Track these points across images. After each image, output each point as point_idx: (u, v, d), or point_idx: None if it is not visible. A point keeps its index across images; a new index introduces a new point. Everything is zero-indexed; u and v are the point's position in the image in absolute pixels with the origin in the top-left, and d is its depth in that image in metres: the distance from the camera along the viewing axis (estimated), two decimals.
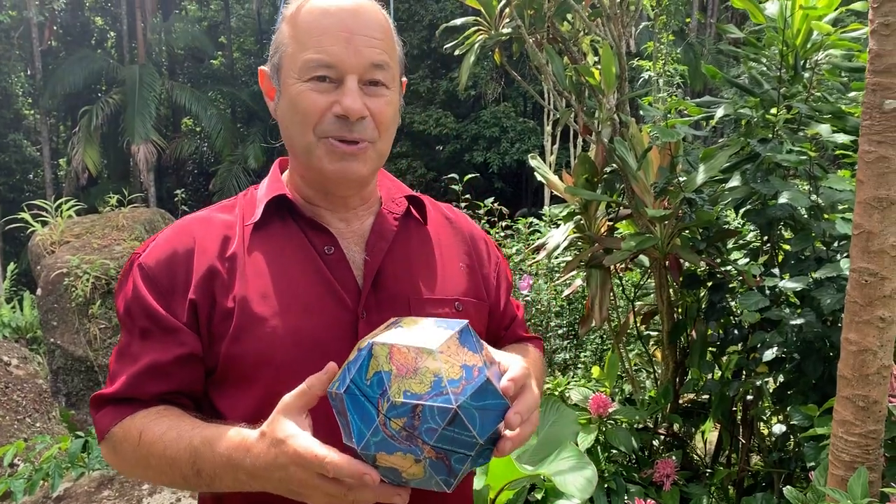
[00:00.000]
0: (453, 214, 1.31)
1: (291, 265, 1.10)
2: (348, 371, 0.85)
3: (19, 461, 3.47)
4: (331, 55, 1.04)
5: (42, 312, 6.37)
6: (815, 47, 2.56)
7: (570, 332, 4.24)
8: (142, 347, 1.07)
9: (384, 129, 1.11)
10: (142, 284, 1.08)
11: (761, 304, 2.29)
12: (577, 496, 1.41)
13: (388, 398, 0.81)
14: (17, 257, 15.12)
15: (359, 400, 0.83)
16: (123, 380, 1.07)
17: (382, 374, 0.82)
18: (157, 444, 0.99)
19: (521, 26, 2.68)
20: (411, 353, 0.83)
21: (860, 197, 1.47)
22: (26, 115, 22.59)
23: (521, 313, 1.40)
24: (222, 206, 1.20)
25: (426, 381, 0.82)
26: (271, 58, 1.13)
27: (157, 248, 1.11)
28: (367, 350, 0.84)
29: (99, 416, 1.09)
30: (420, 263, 1.18)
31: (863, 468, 1.49)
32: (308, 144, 1.08)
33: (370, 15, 1.09)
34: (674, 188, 2.53)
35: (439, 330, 0.88)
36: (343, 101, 1.05)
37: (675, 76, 4.94)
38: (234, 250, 1.10)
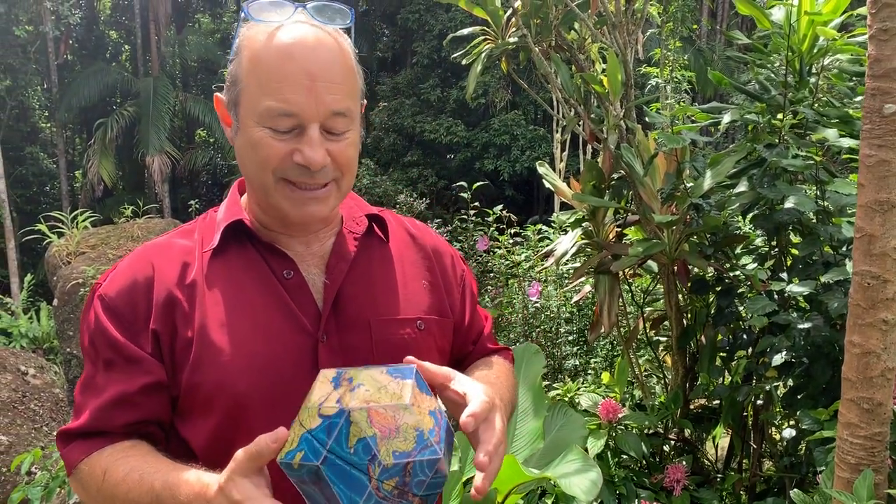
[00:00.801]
0: (416, 230, 1.29)
1: (250, 291, 1.09)
2: (316, 440, 0.82)
3: (36, 469, 3.51)
4: (292, 104, 1.01)
5: (58, 323, 6.44)
6: (821, 52, 2.57)
7: (580, 338, 4.25)
8: (106, 379, 1.06)
9: (346, 169, 1.08)
10: (103, 316, 1.07)
11: (769, 309, 2.29)
12: (582, 498, 1.42)
13: (380, 462, 0.82)
14: (35, 268, 15.27)
15: (342, 469, 0.82)
16: (89, 413, 1.05)
17: (368, 440, 0.81)
18: (120, 485, 0.98)
19: (528, 35, 2.71)
20: (389, 413, 0.83)
21: (861, 200, 1.48)
22: (43, 128, 22.85)
23: (489, 325, 1.38)
24: (182, 230, 1.18)
25: (410, 437, 0.83)
26: (228, 89, 1.09)
27: (116, 279, 1.09)
28: (344, 417, 0.82)
29: (67, 450, 1.07)
30: (381, 283, 1.17)
31: (868, 470, 1.50)
32: (265, 184, 1.06)
33: (331, 56, 1.04)
34: (681, 194, 2.54)
35: (397, 380, 0.88)
36: (304, 151, 1.02)
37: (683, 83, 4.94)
38: (192, 277, 1.09)
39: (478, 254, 4.77)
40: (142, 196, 16.08)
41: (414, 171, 18.86)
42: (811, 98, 2.57)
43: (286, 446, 0.85)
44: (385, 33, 22.02)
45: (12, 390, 4.73)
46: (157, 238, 1.18)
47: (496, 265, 4.69)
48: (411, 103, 19.43)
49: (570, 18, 2.79)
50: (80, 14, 20.42)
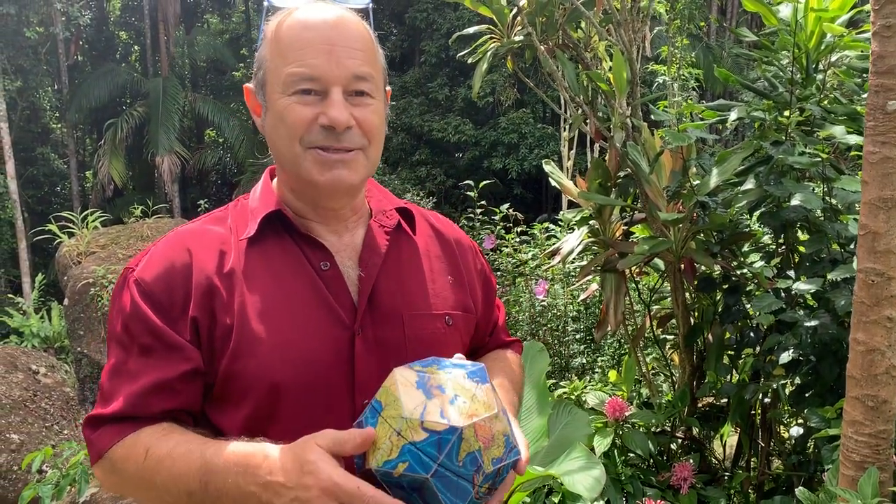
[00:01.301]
0: (439, 223, 1.31)
1: (288, 282, 1.09)
2: (423, 454, 0.86)
3: (47, 467, 3.54)
4: (313, 68, 1.04)
5: (69, 322, 6.49)
6: (828, 49, 2.56)
7: (587, 336, 4.25)
8: (142, 364, 1.05)
9: (372, 136, 1.10)
10: (140, 301, 1.06)
11: (776, 307, 2.29)
12: (585, 495, 1.43)
13: (483, 471, 0.89)
14: (46, 268, 15.37)
15: (451, 480, 0.87)
16: (123, 398, 1.04)
17: (475, 453, 0.88)
18: (164, 460, 0.98)
19: (533, 34, 2.71)
20: (487, 424, 0.90)
21: (865, 198, 1.48)
22: (53, 128, 22.99)
23: (502, 315, 1.40)
24: (213, 217, 1.18)
25: (501, 443, 0.91)
26: (255, 74, 1.12)
27: (152, 263, 1.09)
28: (457, 435, 0.86)
29: (96, 435, 1.06)
30: (411, 278, 1.18)
31: (873, 468, 1.49)
32: (295, 156, 1.08)
33: (351, 27, 1.08)
34: (687, 192, 2.53)
35: (478, 385, 0.93)
36: (329, 111, 1.05)
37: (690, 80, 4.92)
38: (230, 266, 1.09)
39: (484, 252, 4.77)
40: (152, 196, 16.15)
41: (422, 170, 18.86)
42: (818, 95, 2.56)
43: (379, 454, 0.88)
44: (393, 32, 22.02)
45: (24, 389, 4.76)
46: (188, 224, 1.18)
47: (503, 264, 4.69)
48: (419, 102, 19.43)
49: (575, 16, 2.79)
50: (90, 15, 20.51)
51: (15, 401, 4.60)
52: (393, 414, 0.88)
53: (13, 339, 9.23)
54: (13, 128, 18.26)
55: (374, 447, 0.89)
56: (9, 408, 4.49)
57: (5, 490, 4.12)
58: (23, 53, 18.67)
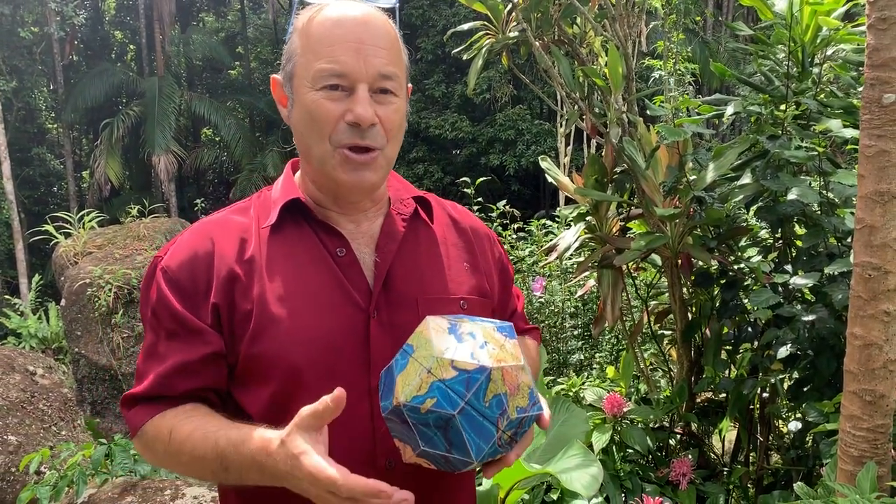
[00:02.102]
0: (457, 213, 1.35)
1: (306, 267, 1.14)
2: (451, 391, 0.89)
3: (45, 468, 3.53)
4: (342, 65, 1.08)
5: (66, 323, 6.47)
6: (824, 42, 2.55)
7: (585, 332, 4.24)
8: (168, 347, 1.12)
9: (392, 135, 1.15)
10: (166, 288, 1.12)
11: (773, 301, 2.28)
12: (582, 493, 1.42)
13: (507, 416, 0.91)
14: (43, 269, 15.34)
15: (476, 420, 0.89)
16: (152, 378, 1.11)
17: (501, 396, 0.90)
18: (185, 443, 1.04)
19: (528, 29, 2.70)
20: (514, 372, 0.92)
21: (862, 192, 1.47)
22: (49, 129, 22.94)
23: (521, 304, 1.44)
24: (238, 208, 1.24)
25: (525, 394, 0.94)
26: (284, 66, 1.16)
27: (178, 252, 1.15)
28: (486, 375, 0.89)
29: (131, 413, 1.14)
30: (427, 263, 1.22)
31: (871, 463, 1.49)
32: (324, 154, 1.12)
33: (379, 26, 1.13)
34: (683, 187, 2.53)
35: (507, 339, 0.96)
36: (355, 108, 1.09)
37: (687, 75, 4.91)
38: (251, 253, 1.14)
39: None
40: (148, 195, 16.13)
41: (420, 167, 18.85)
42: (814, 89, 2.56)
43: (408, 390, 0.91)
44: None
45: (21, 390, 4.75)
46: (214, 214, 1.23)
47: None
48: (416, 99, 19.40)
49: (570, 12, 2.78)
50: (84, 14, 20.44)
51: (12, 402, 4.59)
52: (424, 354, 0.92)
53: (11, 341, 9.22)
54: (9, 128, 18.23)
55: (403, 384, 0.91)
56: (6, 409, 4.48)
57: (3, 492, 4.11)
58: (18, 53, 18.63)
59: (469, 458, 0.90)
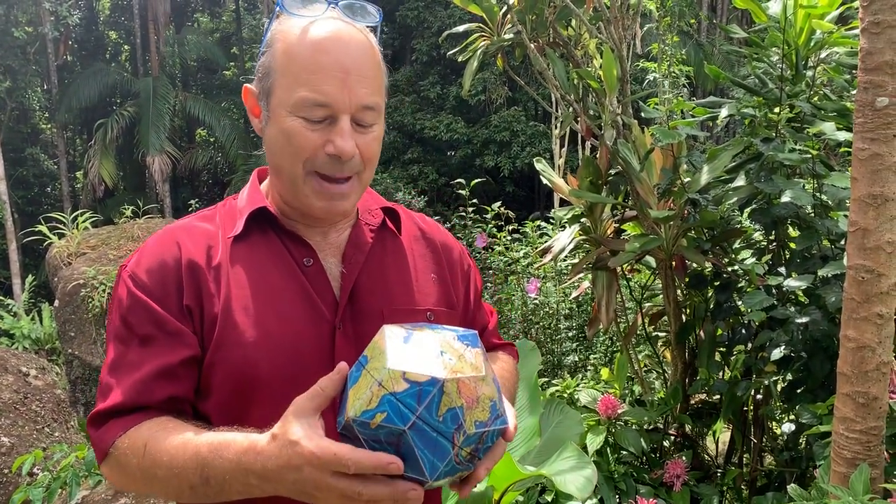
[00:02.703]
0: (426, 225, 1.33)
1: (272, 277, 1.12)
2: (402, 405, 0.84)
3: (38, 470, 3.52)
4: (326, 95, 1.05)
5: (60, 324, 6.45)
6: (818, 46, 2.56)
7: (580, 334, 4.25)
8: (143, 354, 1.07)
9: (369, 162, 1.13)
10: (138, 293, 1.09)
11: (767, 303, 2.29)
12: (576, 495, 1.42)
13: (464, 431, 0.85)
14: (36, 269, 15.28)
15: (429, 435, 0.84)
16: (127, 388, 1.06)
17: (456, 410, 0.85)
18: (162, 455, 0.99)
19: (523, 31, 2.70)
20: (472, 384, 0.86)
21: (855, 194, 1.48)
22: (43, 129, 22.86)
23: (493, 320, 1.41)
24: (203, 215, 1.21)
25: (486, 407, 0.87)
26: (260, 80, 1.12)
27: (144, 258, 1.12)
28: (438, 387, 0.84)
29: (100, 432, 1.06)
30: (394, 275, 1.21)
31: (864, 465, 1.49)
32: (296, 177, 1.10)
33: (363, 51, 1.09)
34: (678, 189, 2.54)
35: (468, 348, 0.91)
36: (336, 141, 1.06)
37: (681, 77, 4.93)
38: (217, 261, 1.12)
39: (476, 251, 4.77)
40: (142, 196, 16.09)
41: (414, 169, 18.84)
42: (808, 91, 2.57)
43: (359, 404, 0.86)
44: (384, 31, 21.82)
45: (14, 391, 4.73)
46: (178, 221, 1.21)
47: (495, 262, 4.69)
48: (411, 100, 19.39)
49: (565, 14, 2.78)
50: (79, 15, 20.41)
51: (5, 403, 4.57)
52: (377, 365, 0.87)
53: (4, 341, 9.18)
54: (2, 128, 18.18)
55: (354, 397, 0.87)
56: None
57: None
58: (11, 53, 18.56)
59: (423, 477, 0.85)
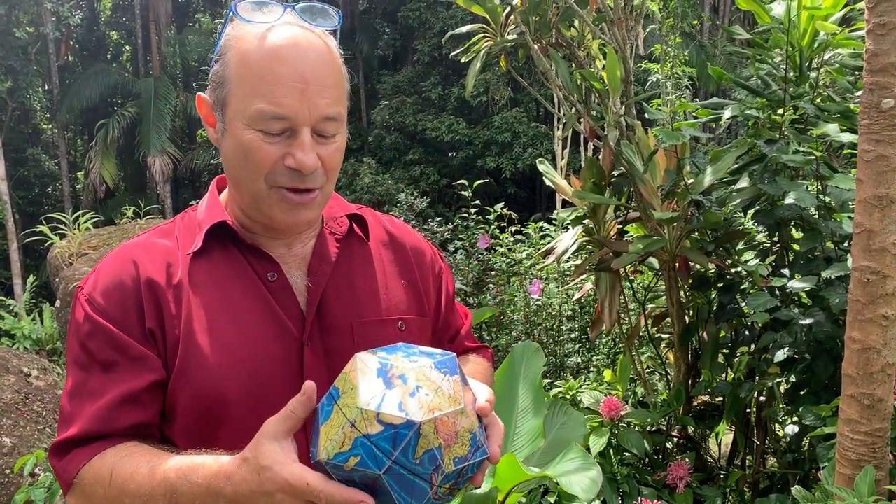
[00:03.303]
0: (395, 228, 1.28)
1: (235, 294, 1.08)
2: (377, 448, 0.80)
3: (39, 470, 3.52)
4: (284, 107, 0.99)
5: (61, 324, 6.45)
6: (822, 47, 2.56)
7: (582, 335, 4.25)
8: (105, 381, 1.02)
9: (332, 174, 1.08)
10: (97, 317, 1.04)
11: (770, 305, 2.29)
12: (581, 497, 1.42)
13: (443, 471, 0.82)
14: (37, 270, 15.29)
15: (405, 478, 0.81)
16: (90, 416, 1.01)
17: (434, 451, 0.81)
18: (129, 482, 0.95)
19: (526, 32, 2.70)
20: (451, 420, 0.83)
21: (860, 196, 1.48)
22: (44, 129, 22.89)
23: (467, 323, 1.37)
24: (160, 230, 1.16)
25: (465, 440, 0.84)
26: (214, 89, 1.06)
27: (101, 280, 1.08)
28: (414, 430, 0.80)
29: (63, 462, 1.02)
30: (362, 285, 1.17)
31: (869, 466, 1.49)
32: (258, 191, 1.05)
33: (322, 59, 1.03)
34: (681, 190, 2.53)
35: (446, 377, 0.87)
36: (296, 154, 1.01)
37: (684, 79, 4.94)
38: (178, 279, 1.07)
39: (479, 252, 4.77)
40: (144, 197, 16.10)
41: (416, 170, 18.85)
42: (812, 93, 2.57)
43: (331, 445, 0.82)
44: (386, 31, 21.98)
45: (15, 392, 4.73)
46: (134, 238, 1.15)
47: (497, 263, 4.69)
48: (413, 101, 19.40)
49: (569, 15, 2.78)
50: (80, 15, 20.43)
51: (7, 403, 4.57)
52: (349, 403, 0.83)
53: (5, 342, 9.18)
54: (4, 129, 18.19)
55: (326, 437, 0.83)
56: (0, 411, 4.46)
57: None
58: (13, 54, 18.58)
59: None
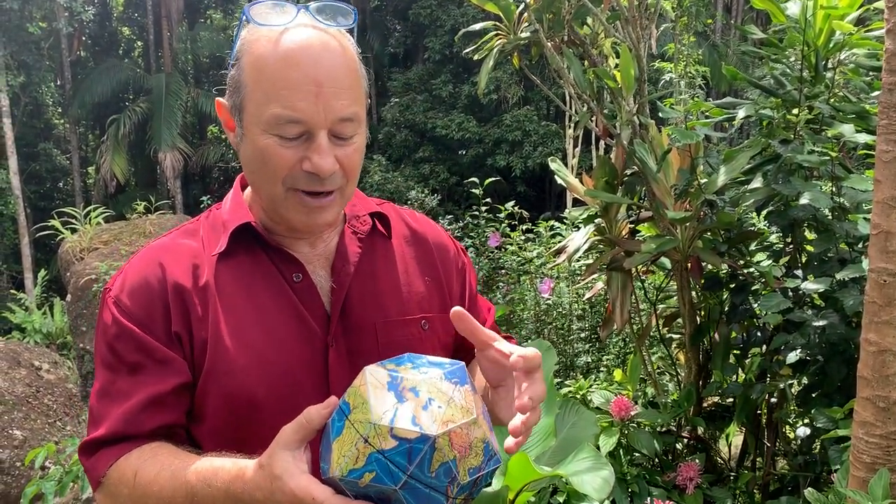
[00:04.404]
0: (417, 223, 1.28)
1: (261, 295, 1.09)
2: (392, 463, 0.80)
3: (50, 464, 3.54)
4: (299, 111, 0.99)
5: (72, 318, 6.49)
6: (838, 47, 2.54)
7: (593, 335, 4.23)
8: (132, 383, 1.04)
9: (351, 175, 1.08)
10: (124, 320, 1.05)
11: (783, 306, 2.27)
12: (594, 496, 1.42)
13: (458, 482, 0.82)
14: (48, 264, 15.38)
15: (422, 492, 0.81)
16: (117, 418, 1.03)
17: (449, 464, 0.81)
18: (152, 484, 0.97)
19: (540, 30, 2.69)
20: (464, 431, 0.83)
21: (878, 197, 1.46)
22: (56, 124, 22.99)
23: (491, 317, 1.37)
24: (185, 230, 1.17)
25: (479, 450, 0.84)
26: (231, 94, 1.07)
27: (128, 282, 1.08)
28: (429, 444, 0.80)
29: (92, 461, 1.04)
30: (385, 284, 1.17)
31: (884, 469, 1.48)
32: (276, 195, 1.05)
33: (337, 60, 1.02)
34: (694, 190, 2.52)
35: (456, 386, 0.86)
36: (313, 158, 1.01)
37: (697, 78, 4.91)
38: (204, 280, 1.08)
39: (489, 250, 4.76)
40: (154, 192, 16.15)
41: (426, 167, 18.84)
42: (827, 93, 2.55)
43: (345, 462, 0.82)
44: (397, 29, 21.98)
45: (26, 385, 4.76)
46: (160, 238, 1.16)
47: (508, 261, 4.68)
48: (423, 99, 19.40)
49: (582, 13, 2.77)
50: (92, 11, 20.50)
51: (18, 397, 4.60)
52: (361, 418, 0.82)
53: (16, 335, 9.25)
54: (16, 123, 18.28)
55: (339, 454, 0.83)
56: (11, 404, 4.49)
57: (8, 486, 4.12)
58: (26, 49, 18.67)
59: None
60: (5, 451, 4.18)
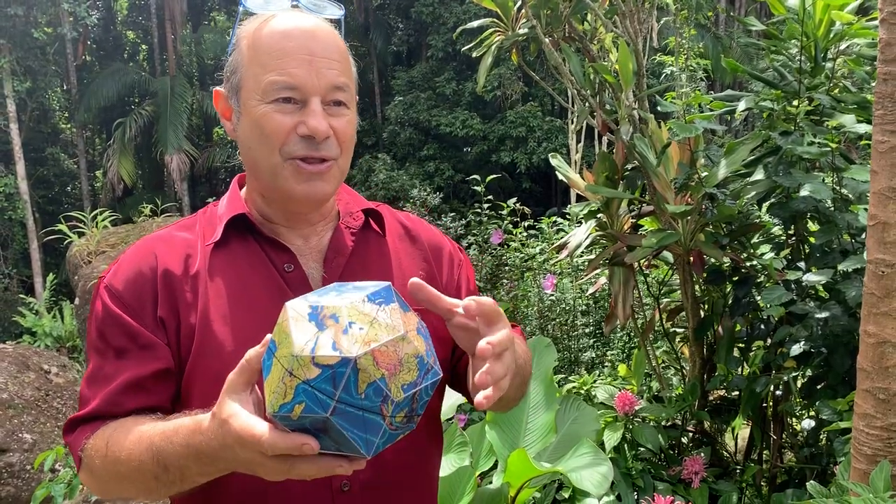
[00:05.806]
0: (411, 223, 1.31)
1: (252, 284, 1.12)
2: (318, 391, 0.79)
3: (60, 466, 3.56)
4: (294, 77, 1.06)
5: (80, 322, 6.52)
6: (837, 37, 2.53)
7: (597, 330, 4.23)
8: (117, 367, 1.08)
9: (346, 147, 1.13)
10: (112, 305, 1.09)
11: (786, 298, 2.27)
12: (592, 492, 1.42)
13: (392, 400, 0.81)
14: (57, 268, 15.46)
15: (355, 415, 0.81)
16: (100, 398, 1.07)
17: (378, 382, 0.80)
18: (121, 450, 1.00)
19: (538, 26, 2.69)
20: (391, 349, 0.82)
21: (875, 187, 1.46)
22: (63, 129, 23.10)
23: None
24: (182, 224, 1.21)
25: (412, 366, 0.83)
26: (228, 78, 1.14)
27: (121, 270, 1.13)
28: (351, 367, 0.79)
29: (72, 437, 1.08)
30: (378, 277, 1.17)
31: (885, 461, 1.48)
32: (274, 166, 1.10)
33: (328, 38, 1.11)
34: (695, 183, 2.51)
35: (381, 307, 0.85)
36: (308, 121, 1.07)
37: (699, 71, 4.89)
38: (196, 269, 1.12)
39: (492, 247, 4.76)
40: (161, 195, 16.21)
41: (430, 165, 18.85)
42: (827, 84, 2.54)
43: (274, 398, 0.82)
44: (399, 27, 21.98)
45: (36, 389, 4.79)
46: (158, 231, 1.20)
47: (511, 258, 4.68)
48: (427, 97, 19.40)
49: (580, 8, 2.76)
50: (97, 15, 20.60)
51: (27, 400, 4.63)
52: (285, 353, 0.82)
53: (26, 339, 9.30)
54: (23, 129, 18.38)
55: (269, 391, 0.83)
56: (21, 407, 4.52)
57: (18, 489, 4.15)
58: (31, 54, 18.76)
59: (360, 454, 0.83)
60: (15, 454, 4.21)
